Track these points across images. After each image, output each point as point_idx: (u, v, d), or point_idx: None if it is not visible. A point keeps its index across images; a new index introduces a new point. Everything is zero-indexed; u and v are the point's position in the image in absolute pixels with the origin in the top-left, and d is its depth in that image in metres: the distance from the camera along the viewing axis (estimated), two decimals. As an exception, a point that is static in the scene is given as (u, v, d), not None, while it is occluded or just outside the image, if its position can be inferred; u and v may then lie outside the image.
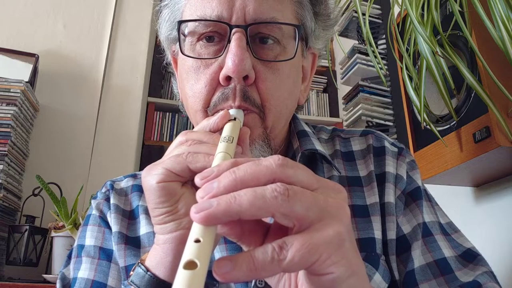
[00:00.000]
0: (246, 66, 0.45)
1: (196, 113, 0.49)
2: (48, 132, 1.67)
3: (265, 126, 0.49)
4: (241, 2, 0.46)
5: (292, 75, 0.51)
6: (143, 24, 1.97)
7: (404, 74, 0.83)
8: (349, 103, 1.49)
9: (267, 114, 0.48)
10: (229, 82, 0.46)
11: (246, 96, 0.46)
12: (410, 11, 0.69)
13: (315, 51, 0.58)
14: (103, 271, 0.52)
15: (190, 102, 0.50)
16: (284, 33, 0.48)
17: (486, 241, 0.91)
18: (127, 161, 1.74)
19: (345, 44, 1.60)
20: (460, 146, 0.74)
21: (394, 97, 1.40)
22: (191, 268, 0.22)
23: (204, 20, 0.47)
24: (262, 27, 0.47)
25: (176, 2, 0.54)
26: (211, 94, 0.48)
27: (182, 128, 2.00)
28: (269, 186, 0.26)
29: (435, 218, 0.54)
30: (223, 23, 0.46)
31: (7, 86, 1.47)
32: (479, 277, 0.49)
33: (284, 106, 0.50)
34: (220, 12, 0.46)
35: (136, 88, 1.86)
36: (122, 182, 0.60)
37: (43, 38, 1.78)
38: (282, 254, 0.25)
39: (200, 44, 0.49)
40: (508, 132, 0.64)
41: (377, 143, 0.58)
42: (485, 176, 0.87)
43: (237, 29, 0.46)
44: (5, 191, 1.39)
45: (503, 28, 0.59)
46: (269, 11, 0.47)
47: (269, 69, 0.48)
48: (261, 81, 0.47)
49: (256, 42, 0.47)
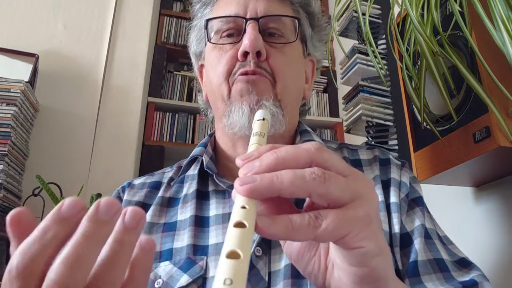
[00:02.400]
0: (258, 43, 0.56)
1: (221, 85, 0.59)
2: (48, 132, 1.67)
3: (276, 92, 0.58)
4: (253, 4, 0.60)
5: (296, 61, 0.63)
6: (143, 24, 1.97)
7: (404, 74, 0.83)
8: (349, 103, 1.49)
9: (277, 81, 0.58)
10: (246, 58, 0.57)
11: (259, 66, 0.57)
12: (410, 11, 0.69)
13: (314, 59, 0.70)
14: None
15: (214, 82, 0.61)
16: (287, 28, 0.61)
17: (485, 241, 0.91)
18: (127, 161, 1.73)
19: (345, 44, 1.60)
20: (460, 146, 0.74)
21: (394, 97, 1.39)
22: (240, 227, 0.25)
23: (225, 16, 0.60)
24: (270, 21, 0.60)
25: (206, 12, 0.67)
26: (231, 68, 0.59)
27: (182, 128, 2.00)
28: (307, 169, 0.28)
29: (434, 228, 0.58)
30: (240, 17, 0.59)
31: (7, 86, 1.47)
32: (475, 277, 0.52)
33: (290, 81, 0.60)
34: (237, 11, 0.60)
35: (136, 88, 1.86)
36: (141, 179, 0.67)
37: (43, 38, 1.78)
38: (317, 222, 0.27)
39: (223, 39, 0.61)
40: (508, 132, 0.64)
41: (383, 155, 0.64)
42: (485, 176, 0.87)
43: (251, 20, 0.58)
44: (5, 191, 1.39)
45: (503, 28, 0.58)
46: (275, 10, 0.61)
47: (278, 51, 0.59)
48: (271, 58, 0.58)
49: (266, 34, 0.60)
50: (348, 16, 1.48)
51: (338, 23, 1.52)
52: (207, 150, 0.64)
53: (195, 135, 1.99)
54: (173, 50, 2.08)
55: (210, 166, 0.61)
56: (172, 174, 0.65)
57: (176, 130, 1.98)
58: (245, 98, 0.57)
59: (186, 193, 0.61)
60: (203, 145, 0.66)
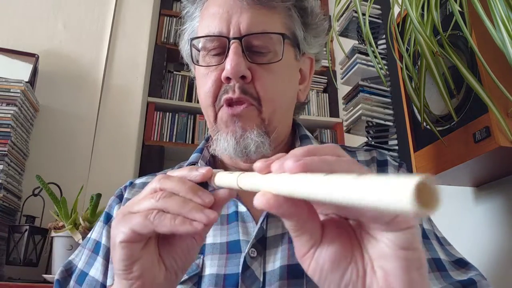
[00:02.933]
0: (241, 68, 0.54)
1: (207, 108, 0.59)
2: (48, 132, 1.67)
3: (262, 118, 0.57)
4: (236, 19, 0.57)
5: (285, 75, 0.60)
6: (143, 24, 1.97)
7: (404, 74, 0.83)
8: (349, 103, 1.49)
9: (264, 106, 0.57)
10: (230, 81, 0.56)
11: (244, 90, 0.56)
12: (410, 11, 0.69)
13: (311, 56, 0.68)
14: (90, 263, 0.59)
15: (202, 100, 0.60)
16: (274, 41, 0.58)
17: (485, 241, 0.91)
18: (127, 161, 1.73)
19: (345, 44, 1.60)
20: (460, 146, 0.74)
21: (394, 97, 1.39)
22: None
23: (208, 36, 0.58)
24: (254, 38, 0.57)
25: (193, 25, 0.66)
26: (217, 91, 0.57)
27: (182, 128, 2.00)
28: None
29: (432, 228, 0.59)
30: (222, 37, 0.57)
31: (7, 86, 1.47)
32: (473, 276, 0.52)
33: (279, 100, 0.59)
34: (221, 28, 0.57)
35: (136, 88, 1.86)
36: (143, 179, 0.68)
37: (43, 38, 1.78)
38: None
39: (209, 56, 0.59)
40: (508, 132, 0.64)
41: (380, 157, 0.64)
42: (485, 176, 0.87)
43: (234, 40, 0.56)
44: (5, 191, 1.39)
45: (503, 28, 0.59)
46: (259, 25, 0.57)
47: (264, 70, 0.57)
48: (257, 79, 0.56)
49: (251, 51, 0.57)
50: (348, 16, 1.48)
51: (338, 23, 1.52)
52: (203, 155, 0.65)
53: (195, 135, 1.99)
54: (173, 50, 2.08)
55: None
56: None
57: (176, 130, 1.98)
58: (230, 128, 0.57)
59: None
60: (199, 150, 0.66)
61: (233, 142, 0.56)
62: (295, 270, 0.50)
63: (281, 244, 0.53)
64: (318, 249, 0.30)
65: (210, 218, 0.35)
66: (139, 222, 0.36)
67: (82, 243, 0.65)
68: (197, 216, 0.35)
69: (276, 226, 0.55)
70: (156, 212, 0.36)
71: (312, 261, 0.31)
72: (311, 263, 0.31)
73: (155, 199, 0.37)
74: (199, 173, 0.39)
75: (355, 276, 0.30)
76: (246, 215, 0.56)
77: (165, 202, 0.37)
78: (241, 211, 0.57)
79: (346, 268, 0.30)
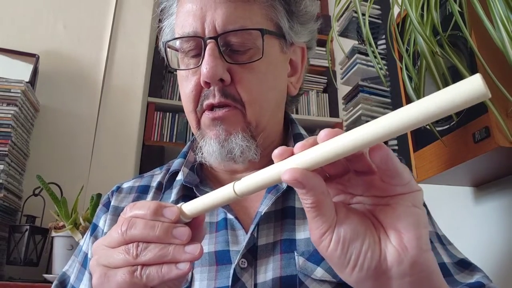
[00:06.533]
0: (217, 72, 0.51)
1: (189, 114, 0.57)
2: (48, 132, 1.67)
3: (247, 121, 0.54)
4: (211, 17, 0.52)
5: (269, 72, 0.56)
6: (143, 24, 1.97)
7: (404, 74, 0.83)
8: (349, 103, 1.49)
9: (248, 109, 0.54)
10: (209, 85, 0.53)
11: (225, 93, 0.53)
12: (410, 11, 0.69)
13: (302, 45, 0.63)
14: (79, 278, 0.58)
15: (184, 105, 0.59)
16: (254, 37, 0.53)
17: (486, 241, 0.91)
18: (127, 161, 1.74)
19: (345, 44, 1.60)
20: (459, 146, 0.74)
21: (394, 97, 1.40)
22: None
23: (182, 37, 0.55)
24: (231, 35, 0.52)
25: (170, 23, 0.62)
26: (197, 97, 0.55)
27: (182, 128, 2.00)
28: None
29: (433, 229, 0.57)
30: (197, 37, 0.53)
31: (8, 86, 1.47)
32: (480, 279, 0.51)
33: (264, 99, 0.55)
34: (195, 28, 0.53)
35: (136, 88, 1.86)
36: (129, 182, 0.65)
37: (43, 38, 1.78)
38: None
39: (188, 58, 0.56)
40: (507, 132, 0.64)
41: None
42: (485, 176, 0.87)
43: (209, 40, 0.52)
44: (6, 191, 1.39)
45: (502, 29, 0.59)
46: (236, 20, 0.52)
47: (245, 69, 0.53)
48: (238, 81, 0.53)
49: (230, 49, 0.53)
50: (348, 16, 1.48)
51: (338, 23, 1.52)
52: (187, 160, 0.62)
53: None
54: (173, 50, 2.08)
55: (189, 180, 0.59)
56: (161, 178, 0.63)
57: (176, 130, 1.99)
58: (214, 132, 0.54)
59: (173, 199, 0.58)
60: (183, 155, 0.64)
61: (217, 146, 0.53)
62: (288, 282, 0.48)
63: (273, 254, 0.51)
64: (336, 226, 0.32)
65: (195, 255, 0.34)
66: (127, 282, 0.34)
67: (75, 252, 0.63)
68: (182, 258, 0.34)
69: (267, 234, 0.52)
70: (140, 268, 0.34)
71: (333, 236, 0.32)
72: (333, 238, 0.32)
73: (132, 255, 0.34)
74: (167, 219, 0.36)
75: (373, 241, 0.32)
76: (235, 223, 0.53)
77: (144, 257, 0.34)
78: (229, 218, 0.54)
79: (365, 235, 0.32)
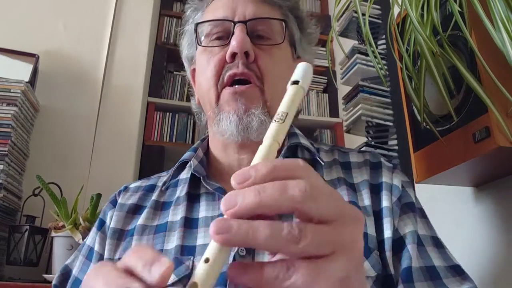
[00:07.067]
0: (247, 44, 0.57)
1: (209, 90, 0.60)
2: (48, 132, 1.67)
3: (265, 99, 0.59)
4: (241, 8, 0.61)
5: (284, 61, 0.63)
6: (143, 24, 1.97)
7: (404, 74, 0.83)
8: (349, 103, 1.49)
9: (266, 87, 0.59)
10: (234, 59, 0.58)
11: (248, 67, 0.58)
12: (410, 11, 0.69)
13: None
14: (83, 269, 0.60)
15: (203, 85, 0.62)
16: (275, 30, 0.62)
17: (485, 240, 0.91)
18: (127, 161, 1.74)
19: (345, 44, 1.60)
20: (459, 146, 0.74)
21: (394, 97, 1.39)
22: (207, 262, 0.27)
23: (214, 20, 0.62)
24: (258, 24, 0.60)
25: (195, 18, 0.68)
26: (220, 71, 0.59)
27: (182, 128, 2.00)
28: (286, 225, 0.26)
29: (428, 233, 0.57)
30: (228, 20, 0.60)
31: (8, 86, 1.47)
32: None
33: (279, 83, 0.58)
34: (226, 14, 0.61)
35: (136, 88, 1.86)
36: (137, 182, 0.68)
37: (43, 38, 1.78)
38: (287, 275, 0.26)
39: (212, 42, 0.62)
40: (507, 132, 0.64)
41: (374, 159, 0.64)
42: (485, 176, 0.87)
43: (239, 23, 0.59)
44: (6, 191, 1.39)
45: (502, 29, 0.59)
46: (263, 13, 0.62)
47: (266, 53, 0.60)
48: (260, 59, 0.59)
49: (254, 36, 0.60)
50: (348, 16, 1.48)
51: (338, 23, 1.52)
52: (197, 154, 0.65)
53: (195, 135, 2.00)
54: (173, 50, 2.08)
55: (198, 170, 0.62)
56: (166, 178, 0.66)
57: (176, 130, 1.98)
58: (232, 107, 0.58)
59: (178, 195, 0.62)
60: (193, 149, 0.67)
61: (236, 119, 0.57)
62: None
63: None
64: None
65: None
66: None
67: (78, 247, 0.65)
68: None
69: None
70: None
71: None
72: None
73: None
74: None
75: None
76: None
77: None
78: None
79: None
